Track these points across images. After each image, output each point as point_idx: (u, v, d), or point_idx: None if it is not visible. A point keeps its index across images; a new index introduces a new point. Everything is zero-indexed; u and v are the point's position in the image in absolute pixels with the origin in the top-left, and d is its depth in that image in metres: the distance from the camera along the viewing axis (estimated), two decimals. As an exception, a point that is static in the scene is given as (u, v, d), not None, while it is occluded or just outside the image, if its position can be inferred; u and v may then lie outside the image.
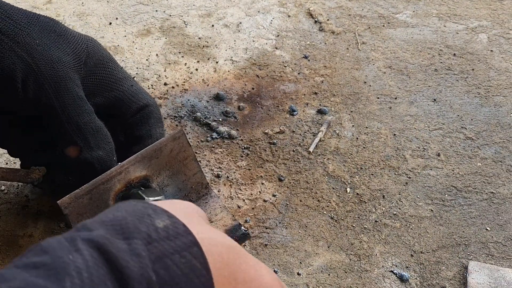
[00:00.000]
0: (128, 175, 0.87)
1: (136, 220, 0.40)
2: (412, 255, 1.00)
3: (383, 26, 1.57)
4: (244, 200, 1.07)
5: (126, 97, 0.90)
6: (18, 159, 1.10)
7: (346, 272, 0.96)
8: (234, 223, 0.95)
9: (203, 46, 1.45)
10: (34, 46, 0.77)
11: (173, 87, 1.31)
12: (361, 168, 1.15)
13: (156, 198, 0.87)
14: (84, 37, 0.86)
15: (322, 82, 1.37)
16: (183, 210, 0.47)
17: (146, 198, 0.86)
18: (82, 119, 0.82)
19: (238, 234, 0.94)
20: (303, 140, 1.21)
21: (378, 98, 1.33)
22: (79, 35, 0.86)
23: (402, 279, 0.96)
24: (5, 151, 1.12)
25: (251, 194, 1.08)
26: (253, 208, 1.06)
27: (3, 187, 1.05)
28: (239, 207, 1.06)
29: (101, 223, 0.40)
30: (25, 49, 0.76)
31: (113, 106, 0.89)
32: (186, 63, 1.39)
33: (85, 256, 0.35)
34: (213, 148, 1.17)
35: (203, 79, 1.34)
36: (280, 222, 1.04)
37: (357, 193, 1.10)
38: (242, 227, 0.95)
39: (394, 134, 1.24)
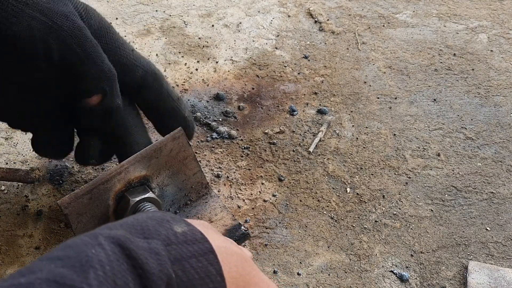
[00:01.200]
0: (128, 175, 0.87)
1: (156, 224, 0.41)
2: (412, 255, 1.00)
3: (383, 26, 1.57)
4: (244, 200, 1.07)
5: (129, 62, 0.89)
6: (18, 160, 1.10)
7: (346, 272, 0.96)
8: (234, 223, 0.95)
9: (203, 46, 1.45)
10: (43, 4, 0.75)
11: (173, 87, 1.31)
12: (361, 168, 1.15)
13: (142, 196, 0.87)
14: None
15: (322, 82, 1.37)
16: (199, 222, 0.48)
17: (131, 199, 0.86)
18: (105, 65, 0.82)
19: (238, 234, 0.94)
20: (303, 140, 1.21)
21: (378, 98, 1.33)
22: None
23: (402, 279, 0.96)
24: (6, 151, 1.12)
25: (251, 194, 1.08)
26: (253, 208, 1.06)
27: (3, 187, 1.05)
28: (239, 207, 1.06)
29: (121, 225, 0.41)
30: (37, 9, 0.74)
31: (118, 72, 0.88)
32: (186, 63, 1.39)
33: (107, 251, 0.36)
34: (213, 148, 1.17)
35: (203, 79, 1.34)
36: (280, 222, 1.04)
37: (357, 193, 1.10)
38: (242, 227, 0.95)
39: (394, 134, 1.24)
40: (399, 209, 1.08)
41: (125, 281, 0.36)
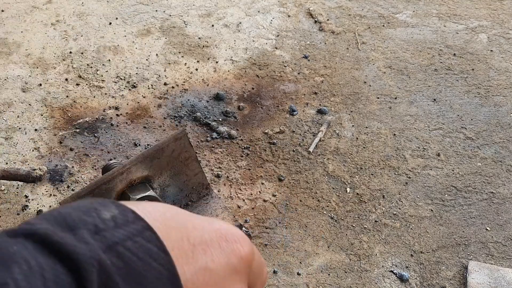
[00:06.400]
0: (130, 175, 0.87)
1: (82, 214, 0.38)
2: (412, 255, 1.00)
3: (383, 26, 1.57)
4: (244, 200, 1.07)
5: None
6: (18, 160, 1.10)
7: (346, 272, 0.96)
8: (235, 225, 0.95)
9: (203, 46, 1.45)
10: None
11: (173, 87, 1.31)
12: (361, 168, 1.15)
13: (143, 194, 0.87)
14: None
15: (322, 82, 1.37)
16: (134, 202, 0.45)
17: (131, 196, 0.86)
18: None
19: None
20: (303, 140, 1.21)
21: (378, 98, 1.33)
22: None
23: (402, 279, 0.96)
24: (6, 151, 1.12)
25: (251, 194, 1.08)
26: (253, 208, 1.06)
27: (3, 187, 1.05)
28: (239, 207, 1.06)
29: (43, 219, 0.38)
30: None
31: None
32: (186, 63, 1.39)
33: (29, 247, 0.34)
34: (213, 148, 1.17)
35: (203, 79, 1.35)
36: (280, 222, 1.04)
37: (357, 193, 1.10)
38: (243, 228, 0.95)
39: (394, 134, 1.24)
40: (399, 209, 1.08)
41: (55, 273, 0.34)
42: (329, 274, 0.95)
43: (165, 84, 1.33)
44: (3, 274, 0.32)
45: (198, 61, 1.40)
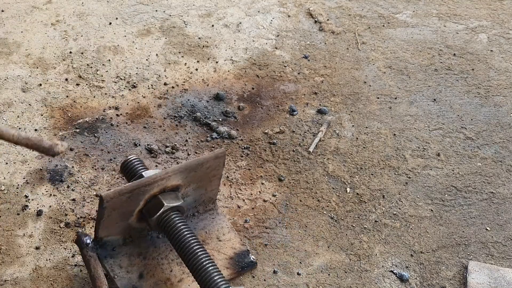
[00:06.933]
0: (168, 182, 0.89)
1: None
2: (412, 255, 1.00)
3: (383, 26, 1.57)
4: (244, 200, 1.07)
5: None
6: (18, 160, 1.10)
7: (346, 272, 0.96)
8: (243, 248, 0.96)
9: (203, 46, 1.45)
10: None
11: (173, 87, 1.31)
12: (361, 168, 1.15)
13: (175, 204, 0.89)
14: None
15: (322, 82, 1.37)
16: None
17: (165, 204, 0.88)
18: None
19: (246, 261, 0.95)
20: (303, 140, 1.21)
21: (378, 98, 1.33)
22: None
23: (402, 279, 0.96)
24: (6, 151, 1.12)
25: (251, 194, 1.08)
26: (253, 208, 1.06)
27: (3, 187, 1.05)
28: (239, 207, 1.06)
29: None
30: None
31: None
32: (186, 63, 1.39)
33: None
34: (213, 148, 1.17)
35: (203, 79, 1.35)
36: (280, 222, 1.04)
37: (357, 193, 1.10)
38: (251, 256, 0.96)
39: (394, 134, 1.24)
40: (399, 209, 1.08)
41: None
42: (329, 274, 0.96)
43: (165, 84, 1.33)
44: None
45: (198, 61, 1.40)
